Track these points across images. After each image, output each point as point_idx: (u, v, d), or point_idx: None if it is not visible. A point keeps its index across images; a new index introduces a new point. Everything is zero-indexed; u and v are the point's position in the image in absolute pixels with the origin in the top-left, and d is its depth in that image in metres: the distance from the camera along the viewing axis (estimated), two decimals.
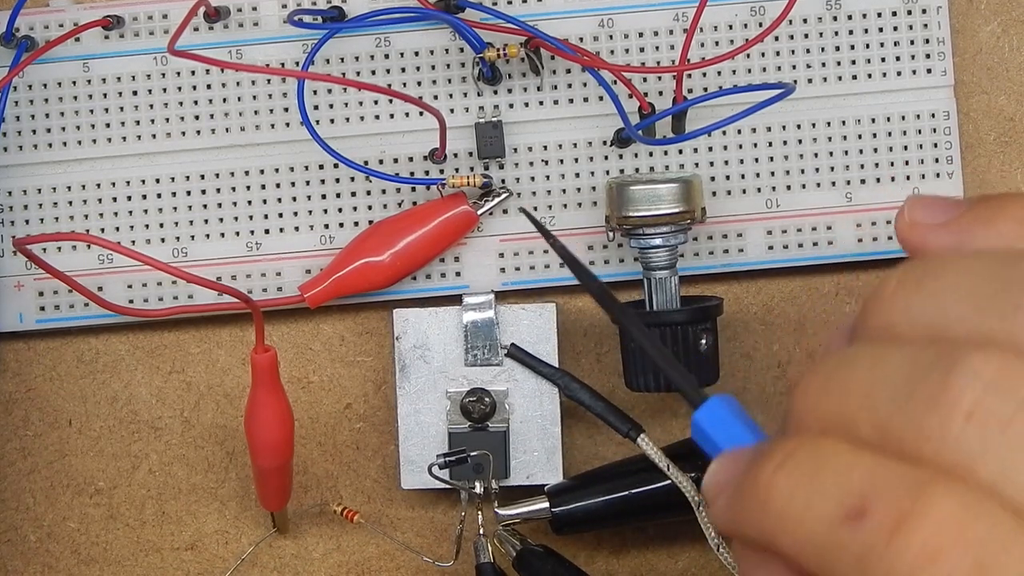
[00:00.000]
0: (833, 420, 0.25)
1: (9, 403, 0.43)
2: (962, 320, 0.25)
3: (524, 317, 0.41)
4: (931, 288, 0.25)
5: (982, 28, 0.41)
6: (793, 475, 0.25)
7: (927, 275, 0.26)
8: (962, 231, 0.27)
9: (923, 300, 0.25)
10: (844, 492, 0.24)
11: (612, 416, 0.40)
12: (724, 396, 0.28)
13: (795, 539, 0.24)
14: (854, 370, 0.25)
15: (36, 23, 0.41)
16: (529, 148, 0.41)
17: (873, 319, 0.26)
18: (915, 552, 0.23)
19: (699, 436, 0.28)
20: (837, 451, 0.25)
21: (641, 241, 0.39)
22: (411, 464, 0.41)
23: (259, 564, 0.43)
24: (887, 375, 0.25)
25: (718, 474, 0.27)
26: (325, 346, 0.42)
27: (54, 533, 0.43)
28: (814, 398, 0.26)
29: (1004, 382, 0.23)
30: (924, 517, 0.23)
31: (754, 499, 0.25)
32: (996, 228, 0.27)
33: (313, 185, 0.41)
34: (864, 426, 0.24)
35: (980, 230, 0.27)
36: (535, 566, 0.40)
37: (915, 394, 0.24)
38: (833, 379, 0.25)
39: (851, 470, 0.24)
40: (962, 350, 0.24)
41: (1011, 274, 0.25)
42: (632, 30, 0.41)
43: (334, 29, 0.41)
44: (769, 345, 0.42)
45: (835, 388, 0.25)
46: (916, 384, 0.24)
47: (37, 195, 0.42)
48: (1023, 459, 0.23)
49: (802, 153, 0.41)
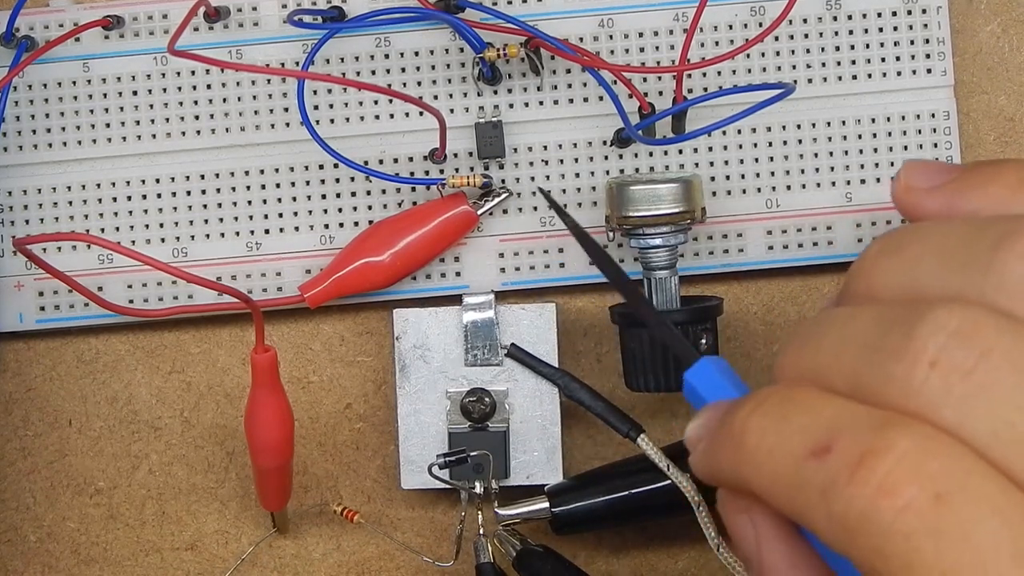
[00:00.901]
0: (807, 372, 0.26)
1: (9, 403, 0.43)
2: (934, 280, 0.26)
3: (524, 317, 0.41)
4: (909, 252, 0.26)
5: (982, 28, 0.41)
6: (765, 416, 0.26)
7: (906, 240, 0.26)
8: (955, 195, 0.28)
9: (900, 264, 0.26)
10: (811, 431, 0.25)
11: (612, 416, 0.40)
12: (715, 358, 0.29)
13: (765, 476, 0.25)
14: (830, 327, 0.26)
15: (36, 23, 0.42)
16: (529, 148, 0.41)
17: (854, 284, 0.27)
18: (875, 485, 0.23)
19: (690, 394, 0.29)
20: (807, 395, 0.26)
21: (641, 241, 0.39)
22: (411, 464, 0.41)
23: (259, 564, 0.43)
24: (859, 330, 0.26)
25: (700, 423, 0.28)
26: (325, 346, 0.42)
27: (54, 533, 0.43)
28: (792, 355, 0.27)
29: (967, 333, 0.24)
30: (885, 452, 0.24)
31: (729, 439, 0.26)
32: (988, 192, 0.27)
33: (313, 185, 0.41)
34: (835, 376, 0.26)
35: (972, 194, 0.28)
36: (535, 566, 0.40)
37: (883, 345, 0.25)
38: (810, 336, 0.26)
39: (819, 412, 0.25)
40: (930, 305, 0.25)
41: (984, 235, 0.25)
42: (632, 30, 0.41)
43: (334, 29, 0.41)
44: (769, 345, 0.42)
45: (811, 343, 0.26)
46: (885, 336, 0.25)
47: (37, 195, 0.42)
48: (983, 404, 0.24)
49: (802, 153, 0.41)
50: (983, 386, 0.24)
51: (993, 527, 0.23)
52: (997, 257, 0.25)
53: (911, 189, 0.29)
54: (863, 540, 0.23)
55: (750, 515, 0.27)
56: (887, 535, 0.23)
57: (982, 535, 0.23)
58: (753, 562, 0.27)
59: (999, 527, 0.23)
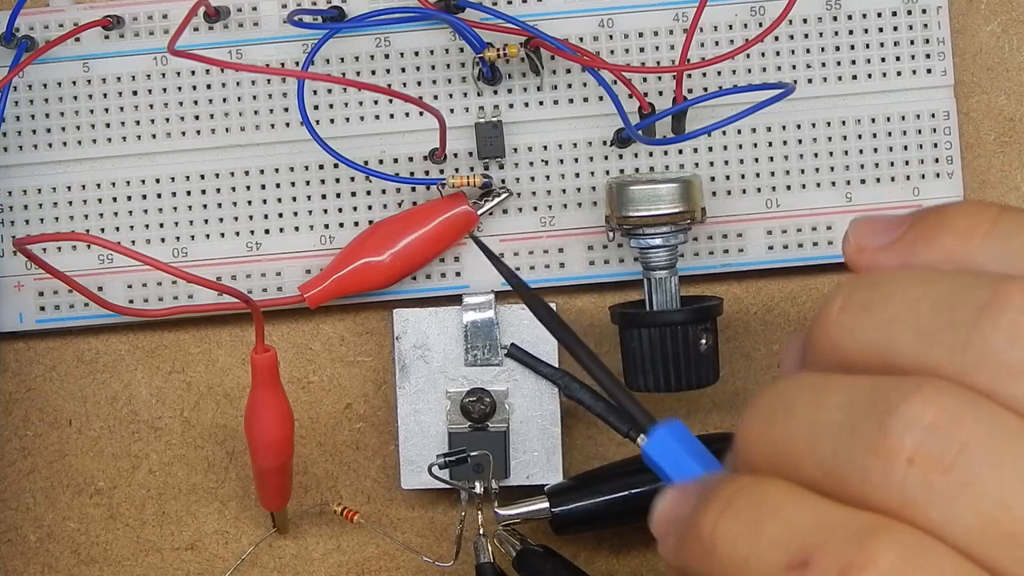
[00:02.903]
0: (776, 458, 0.25)
1: (9, 403, 0.43)
2: (908, 347, 0.24)
3: (524, 317, 0.41)
4: (880, 314, 0.25)
5: (982, 28, 0.41)
6: (736, 522, 0.24)
7: (875, 298, 0.25)
8: (906, 251, 0.27)
9: (868, 325, 0.25)
10: (787, 541, 0.24)
11: (612, 416, 0.39)
12: (672, 423, 0.28)
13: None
14: (796, 405, 0.25)
15: (36, 23, 0.42)
16: (529, 148, 0.41)
17: (819, 341, 0.26)
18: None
19: (651, 465, 0.28)
20: (780, 496, 0.24)
21: (641, 241, 0.39)
22: (411, 464, 0.41)
23: (259, 564, 0.43)
24: (830, 413, 0.24)
25: (665, 511, 0.27)
26: (325, 346, 0.42)
27: (54, 533, 0.43)
28: (758, 432, 0.25)
29: (943, 426, 0.23)
30: (868, 567, 0.22)
31: (699, 545, 0.25)
32: (938, 245, 0.26)
33: (313, 185, 0.41)
34: (808, 466, 0.24)
35: (923, 249, 0.26)
36: (535, 566, 0.40)
37: (856, 436, 0.24)
38: (776, 412, 0.25)
39: (794, 517, 0.24)
40: (902, 390, 0.23)
41: (962, 303, 0.24)
42: (632, 30, 0.41)
43: (334, 29, 0.41)
44: (769, 345, 0.42)
45: (778, 422, 0.25)
46: (858, 426, 0.24)
47: (37, 195, 0.42)
48: (966, 502, 0.23)
49: (802, 153, 0.41)
50: (964, 484, 0.23)
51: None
52: (977, 332, 0.24)
53: (862, 249, 0.27)
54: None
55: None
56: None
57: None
58: None
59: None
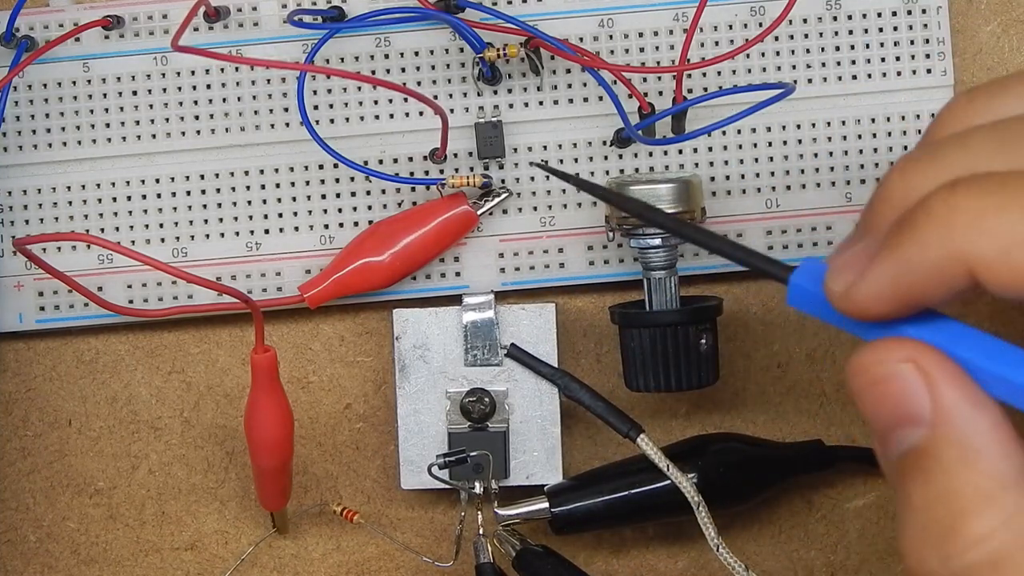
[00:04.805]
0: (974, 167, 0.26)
1: (9, 403, 0.43)
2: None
3: (524, 317, 0.41)
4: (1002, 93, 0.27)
5: (982, 28, 0.41)
6: (976, 188, 0.25)
7: (991, 88, 0.28)
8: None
9: (1002, 100, 0.27)
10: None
11: (612, 416, 0.40)
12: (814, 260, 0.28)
13: (998, 234, 0.25)
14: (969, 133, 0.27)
15: (36, 23, 0.42)
16: (529, 148, 0.41)
17: (948, 127, 0.28)
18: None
19: (801, 298, 0.28)
20: (1015, 172, 0.25)
21: (641, 241, 0.39)
22: (411, 464, 0.41)
23: (259, 564, 0.43)
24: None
25: (844, 261, 0.27)
26: (325, 346, 0.42)
27: (54, 533, 0.43)
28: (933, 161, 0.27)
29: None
30: None
31: (928, 220, 0.25)
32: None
33: (313, 185, 0.41)
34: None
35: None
36: (535, 566, 0.40)
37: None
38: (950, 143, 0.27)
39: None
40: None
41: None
42: (632, 30, 0.41)
43: (334, 29, 0.41)
44: (769, 345, 0.42)
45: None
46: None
47: (37, 195, 0.42)
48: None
49: (802, 153, 0.41)
50: None
51: None
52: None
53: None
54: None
55: (918, 361, 0.26)
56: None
57: None
58: (916, 414, 0.26)
59: None
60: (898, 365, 0.26)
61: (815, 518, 0.42)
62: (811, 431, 0.42)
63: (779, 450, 0.41)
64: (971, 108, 0.29)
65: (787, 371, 0.42)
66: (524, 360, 0.40)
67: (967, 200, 0.25)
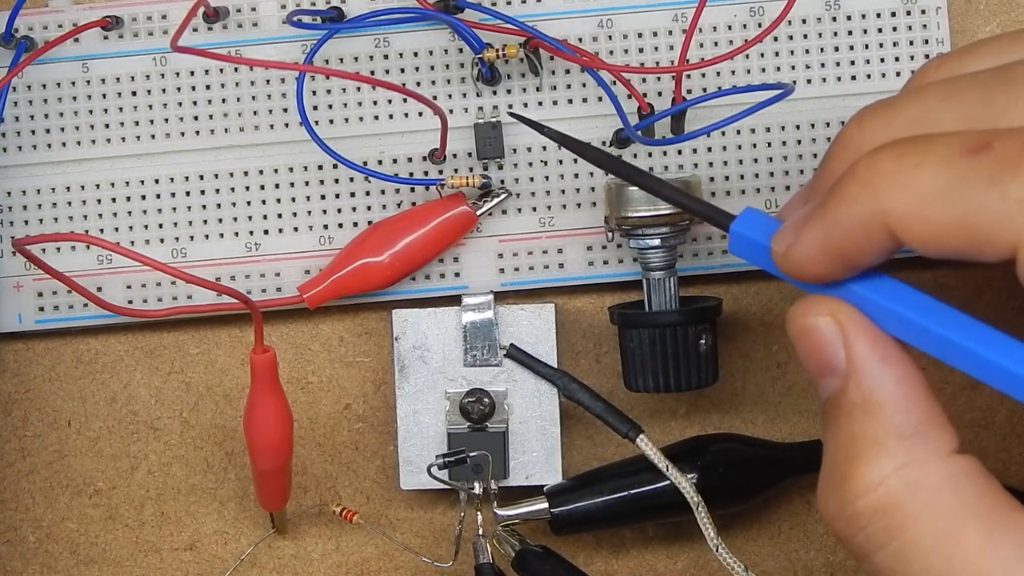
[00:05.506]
0: (915, 127, 0.27)
1: (9, 403, 0.43)
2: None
3: (523, 317, 0.41)
4: (972, 56, 0.28)
5: (982, 28, 0.41)
6: (896, 149, 0.26)
7: (962, 52, 0.29)
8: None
9: (974, 63, 0.28)
10: (960, 138, 0.25)
11: (611, 416, 0.40)
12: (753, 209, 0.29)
13: (916, 187, 0.25)
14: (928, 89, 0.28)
15: (36, 23, 0.42)
16: (528, 148, 0.41)
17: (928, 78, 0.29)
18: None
19: (740, 245, 0.29)
20: (937, 134, 0.26)
21: (640, 241, 0.39)
22: (410, 465, 0.41)
23: (258, 564, 0.43)
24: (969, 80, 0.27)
25: (787, 226, 0.28)
26: (324, 346, 0.42)
27: (53, 533, 0.43)
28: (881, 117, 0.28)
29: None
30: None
31: (854, 180, 0.26)
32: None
33: (313, 185, 0.41)
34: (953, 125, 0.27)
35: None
36: (534, 566, 0.40)
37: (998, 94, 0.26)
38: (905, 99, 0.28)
39: (957, 134, 0.26)
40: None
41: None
42: (632, 30, 0.41)
43: (333, 29, 0.41)
44: (768, 345, 0.42)
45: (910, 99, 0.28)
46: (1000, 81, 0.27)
47: (37, 195, 0.42)
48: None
49: (801, 153, 0.41)
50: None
51: None
52: None
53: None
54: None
55: (835, 315, 0.27)
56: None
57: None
58: (833, 365, 0.27)
59: None
60: (818, 319, 0.27)
61: (815, 518, 0.42)
62: (811, 431, 0.42)
63: (778, 450, 0.41)
64: (940, 71, 0.30)
65: (786, 371, 0.42)
66: (523, 360, 0.40)
67: (886, 161, 0.26)
